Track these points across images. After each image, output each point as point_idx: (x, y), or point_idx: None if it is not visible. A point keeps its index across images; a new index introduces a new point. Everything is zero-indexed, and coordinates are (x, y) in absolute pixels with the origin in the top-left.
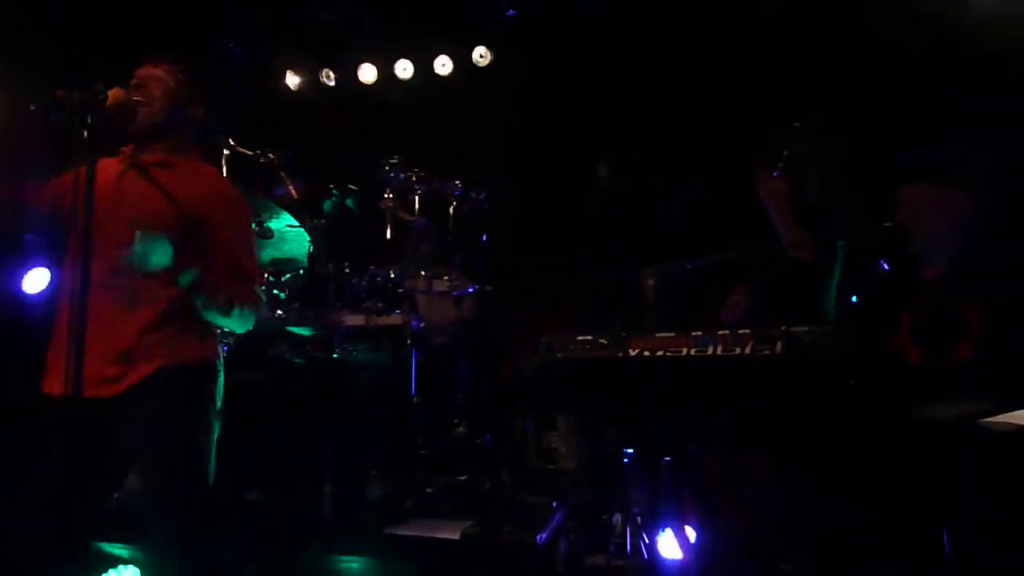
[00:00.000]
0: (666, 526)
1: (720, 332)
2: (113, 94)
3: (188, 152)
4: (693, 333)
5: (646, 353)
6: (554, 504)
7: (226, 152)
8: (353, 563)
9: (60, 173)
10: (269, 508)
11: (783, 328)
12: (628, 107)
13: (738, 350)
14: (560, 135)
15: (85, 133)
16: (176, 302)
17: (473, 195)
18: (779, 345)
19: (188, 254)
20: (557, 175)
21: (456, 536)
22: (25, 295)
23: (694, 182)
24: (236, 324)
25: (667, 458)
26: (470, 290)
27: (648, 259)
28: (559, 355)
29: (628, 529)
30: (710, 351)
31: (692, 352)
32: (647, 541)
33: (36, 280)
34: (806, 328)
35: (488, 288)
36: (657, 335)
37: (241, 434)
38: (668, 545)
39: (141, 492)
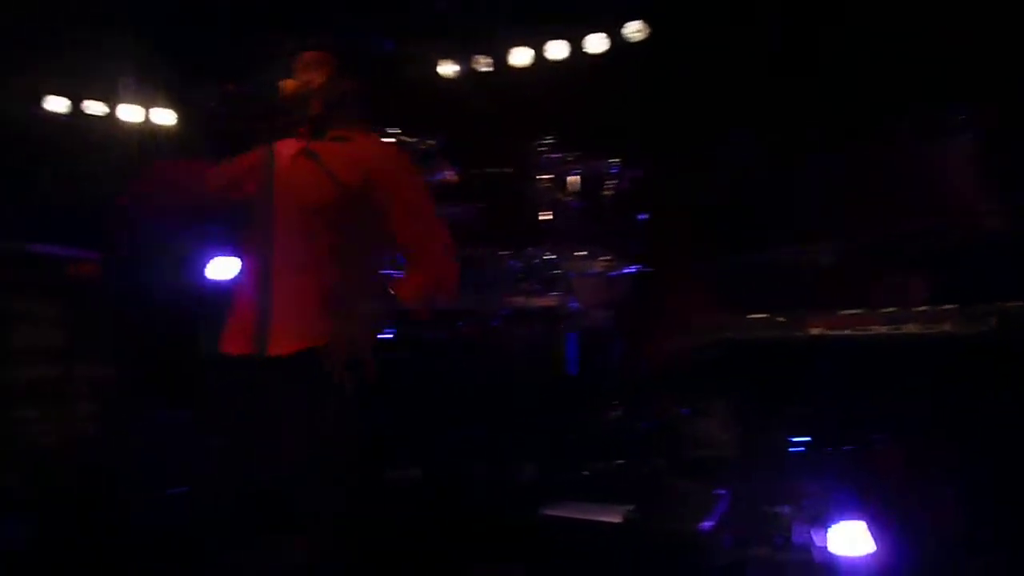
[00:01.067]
0: (840, 520)
1: (918, 308)
2: (286, 85)
3: (353, 127)
4: (884, 310)
5: (829, 332)
6: (717, 492)
7: (387, 141)
8: (508, 542)
9: (231, 158)
10: (424, 487)
11: (996, 303)
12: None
13: (942, 328)
14: (715, 109)
15: (261, 124)
16: (355, 278)
17: (629, 174)
18: (993, 321)
19: (361, 231)
20: (713, 151)
21: (618, 519)
22: (209, 283)
23: (845, 155)
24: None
25: (846, 447)
26: (626, 270)
27: (799, 236)
28: (727, 335)
29: (797, 522)
30: (906, 329)
31: (884, 330)
32: (818, 535)
33: (220, 268)
34: None
35: (645, 268)
36: (841, 312)
37: (395, 414)
38: (842, 540)
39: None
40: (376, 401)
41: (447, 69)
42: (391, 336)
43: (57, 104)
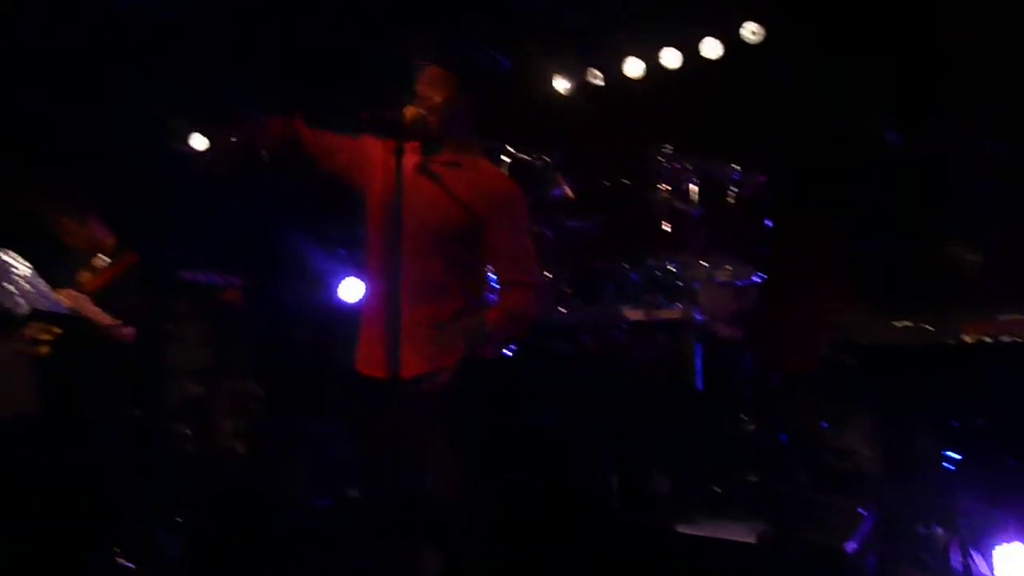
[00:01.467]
0: (1003, 542)
1: None
2: (409, 112)
3: (471, 151)
4: None
5: (986, 339)
6: (861, 511)
7: (504, 158)
8: (642, 559)
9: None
10: (552, 498)
11: None
12: (910, 72)
13: None
14: (840, 108)
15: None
16: (470, 299)
17: (752, 179)
18: None
19: (472, 254)
20: (839, 151)
21: (752, 539)
22: (341, 304)
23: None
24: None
25: (1012, 462)
26: (754, 279)
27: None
28: (864, 342)
29: (953, 543)
30: None
31: None
32: (979, 559)
33: (351, 290)
34: None
35: (773, 275)
36: (1000, 317)
37: (523, 426)
38: (1008, 565)
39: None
40: (508, 413)
41: (561, 84)
42: (515, 350)
43: (201, 141)
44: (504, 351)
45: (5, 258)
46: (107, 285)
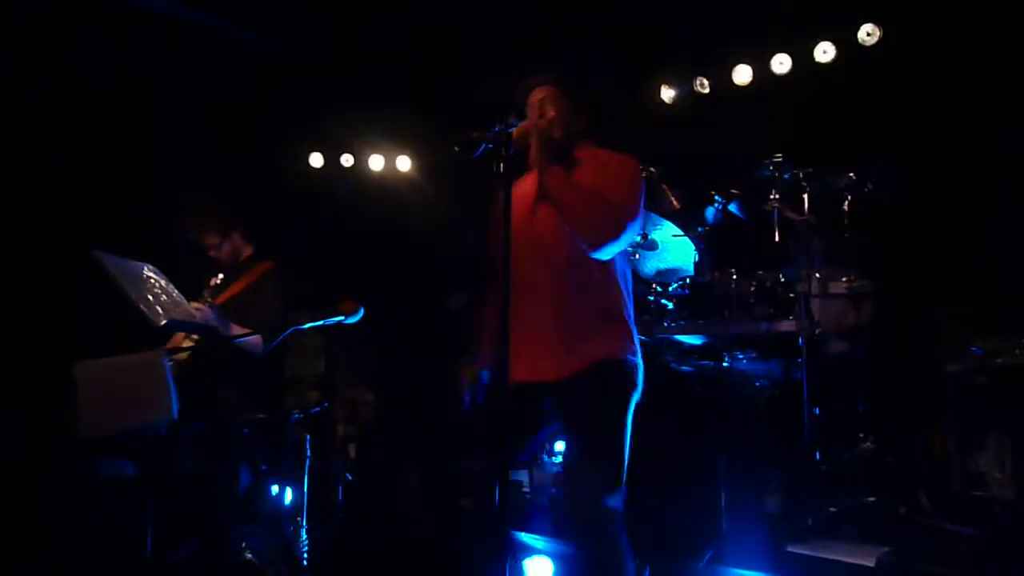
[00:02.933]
0: None
1: None
2: (519, 128)
3: (587, 147)
4: None
5: None
6: (989, 537)
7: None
8: None
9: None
10: (663, 515)
11: None
12: None
13: None
14: (964, 111)
15: (502, 167)
16: (598, 305)
17: (869, 187)
18: None
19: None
20: (963, 156)
21: (870, 563)
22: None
23: None
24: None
25: None
26: (870, 290)
27: None
28: (997, 360)
29: None
30: None
31: None
32: None
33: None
34: None
35: (892, 288)
36: None
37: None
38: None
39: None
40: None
41: (667, 94)
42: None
43: (317, 160)
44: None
45: (147, 272)
46: (244, 291)
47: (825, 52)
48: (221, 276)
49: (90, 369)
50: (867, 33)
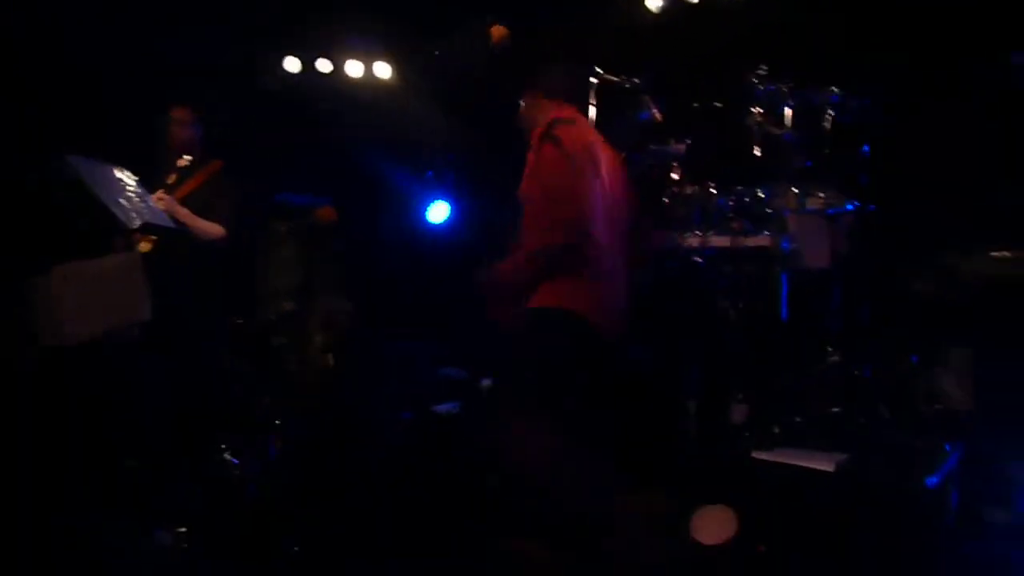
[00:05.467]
0: None
1: None
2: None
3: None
4: None
5: None
6: (947, 447)
7: (593, 80)
8: (717, 483)
9: None
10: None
11: None
12: None
13: None
14: (956, 23)
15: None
16: None
17: (853, 103)
18: None
19: None
20: (953, 71)
21: (830, 468)
22: (429, 225)
23: None
24: None
25: None
26: (847, 208)
27: None
28: (967, 274)
29: None
30: None
31: None
32: None
33: (438, 212)
34: None
35: (868, 205)
36: None
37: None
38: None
39: None
40: None
41: (653, 3)
42: None
43: (292, 64)
44: None
45: (118, 174)
46: (197, 189)
47: None
48: (174, 176)
49: (69, 272)
50: None
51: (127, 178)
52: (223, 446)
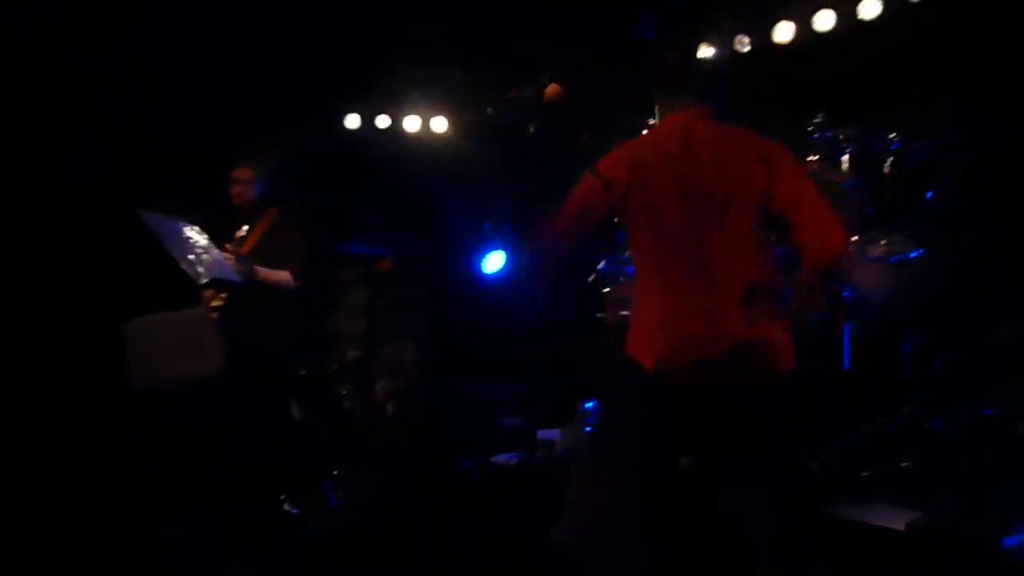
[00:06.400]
0: None
1: None
2: (550, 88)
3: None
4: None
5: None
6: None
7: (645, 132)
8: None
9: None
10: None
11: None
12: None
13: None
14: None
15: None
16: None
17: (915, 148)
18: None
19: None
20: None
21: (900, 527)
22: (483, 275)
23: None
24: None
25: None
26: (912, 255)
27: None
28: None
29: None
30: None
31: None
32: None
33: (494, 262)
34: None
35: (935, 252)
36: None
37: None
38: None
39: None
40: None
41: (706, 52)
42: None
43: (353, 121)
44: None
45: (188, 232)
46: (263, 237)
47: (870, 8)
48: (246, 228)
49: (140, 325)
50: None
51: (196, 235)
52: (282, 497)
